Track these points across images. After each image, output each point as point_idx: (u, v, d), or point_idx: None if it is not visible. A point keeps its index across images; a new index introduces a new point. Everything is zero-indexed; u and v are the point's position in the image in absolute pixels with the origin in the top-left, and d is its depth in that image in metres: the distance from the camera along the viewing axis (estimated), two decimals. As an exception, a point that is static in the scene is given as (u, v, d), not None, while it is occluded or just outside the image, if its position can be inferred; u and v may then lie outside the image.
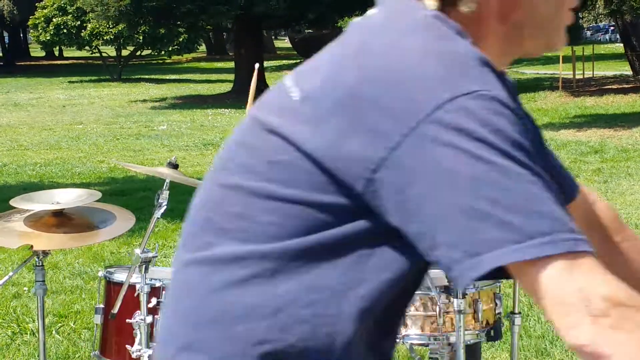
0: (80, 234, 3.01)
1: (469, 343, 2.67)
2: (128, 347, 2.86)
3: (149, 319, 2.81)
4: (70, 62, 47.74)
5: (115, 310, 2.85)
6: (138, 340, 2.81)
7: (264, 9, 22.28)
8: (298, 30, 40.56)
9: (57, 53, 51.85)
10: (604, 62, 31.15)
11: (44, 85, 31.22)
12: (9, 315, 5.20)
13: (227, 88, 27.07)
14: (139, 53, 36.65)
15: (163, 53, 37.44)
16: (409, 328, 2.64)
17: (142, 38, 33.07)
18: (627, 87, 21.45)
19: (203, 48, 51.72)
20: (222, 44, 52.08)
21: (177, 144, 14.64)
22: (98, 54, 35.17)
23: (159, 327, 1.96)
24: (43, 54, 52.11)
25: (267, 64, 31.00)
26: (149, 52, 36.94)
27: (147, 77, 34.87)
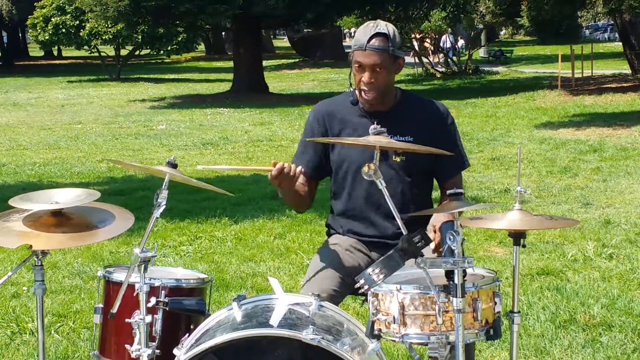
0: (79, 234, 3.00)
1: (469, 342, 2.67)
2: (127, 346, 2.86)
3: (148, 319, 2.80)
4: (69, 61, 47.74)
5: (115, 310, 2.85)
6: (137, 340, 2.81)
7: (263, 9, 22.26)
8: (297, 30, 40.56)
9: (55, 53, 51.87)
10: (603, 61, 31.17)
11: (43, 85, 31.22)
12: (8, 315, 5.20)
13: (226, 87, 27.06)
14: (138, 53, 36.65)
15: (162, 53, 37.47)
16: (408, 327, 2.64)
17: (140, 38, 33.06)
18: (626, 85, 21.45)
19: (202, 47, 51.72)
20: (221, 44, 52.08)
21: (176, 144, 14.64)
22: (97, 54, 35.17)
23: None
24: (42, 54, 52.13)
25: (266, 64, 30.98)
26: (148, 51, 36.95)
27: (146, 76, 34.86)
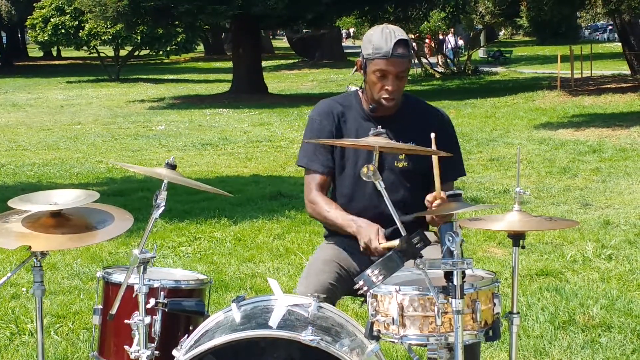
0: (79, 235, 3.00)
1: (468, 343, 2.67)
2: (126, 347, 2.86)
3: (147, 320, 2.80)
4: (68, 62, 47.70)
5: (114, 311, 2.84)
6: (136, 341, 2.80)
7: (262, 9, 22.26)
8: (296, 30, 40.52)
9: (55, 53, 51.84)
10: (602, 61, 31.17)
11: (42, 86, 31.20)
12: (8, 316, 5.19)
13: (225, 88, 27.05)
14: (137, 53, 36.63)
15: (161, 53, 37.44)
16: (408, 328, 2.63)
17: (140, 38, 33.04)
18: (625, 86, 21.46)
19: (201, 48, 51.67)
20: (220, 44, 52.05)
21: (175, 144, 14.63)
22: (96, 54, 35.15)
23: None
24: (41, 54, 52.09)
25: (265, 64, 30.98)
26: (147, 52, 36.94)
27: (145, 77, 34.84)
